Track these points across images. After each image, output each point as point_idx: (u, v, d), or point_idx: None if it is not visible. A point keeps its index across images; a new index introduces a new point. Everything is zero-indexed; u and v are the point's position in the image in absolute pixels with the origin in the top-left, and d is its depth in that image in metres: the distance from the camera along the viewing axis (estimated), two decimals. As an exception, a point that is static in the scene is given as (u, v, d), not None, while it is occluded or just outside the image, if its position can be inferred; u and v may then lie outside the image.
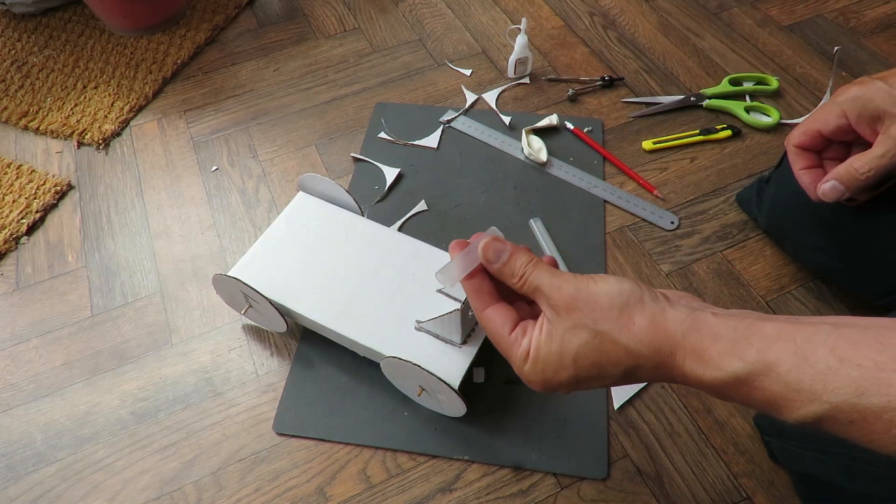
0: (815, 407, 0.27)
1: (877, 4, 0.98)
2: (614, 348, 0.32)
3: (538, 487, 0.56)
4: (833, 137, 0.48)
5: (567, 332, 0.33)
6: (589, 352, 0.33)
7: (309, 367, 0.63)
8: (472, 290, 0.38)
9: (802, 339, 0.29)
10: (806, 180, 0.50)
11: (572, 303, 0.33)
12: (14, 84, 0.93)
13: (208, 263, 0.73)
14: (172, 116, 0.89)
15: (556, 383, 0.34)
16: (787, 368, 0.28)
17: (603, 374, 0.33)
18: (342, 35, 0.99)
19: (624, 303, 0.33)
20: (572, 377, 0.34)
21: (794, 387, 0.28)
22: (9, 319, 0.69)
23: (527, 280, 0.35)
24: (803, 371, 0.28)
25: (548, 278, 0.35)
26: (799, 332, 0.29)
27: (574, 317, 0.33)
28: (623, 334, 0.32)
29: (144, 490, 0.57)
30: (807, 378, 0.27)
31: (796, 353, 0.28)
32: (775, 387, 0.28)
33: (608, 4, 1.02)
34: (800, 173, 0.51)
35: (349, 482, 0.57)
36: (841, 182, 0.46)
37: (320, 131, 0.86)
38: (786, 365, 0.28)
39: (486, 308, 0.37)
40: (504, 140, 0.82)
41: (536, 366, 0.34)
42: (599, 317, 0.32)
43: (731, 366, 0.29)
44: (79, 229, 0.77)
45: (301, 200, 0.67)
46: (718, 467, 0.57)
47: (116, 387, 0.64)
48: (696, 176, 0.78)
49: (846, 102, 0.45)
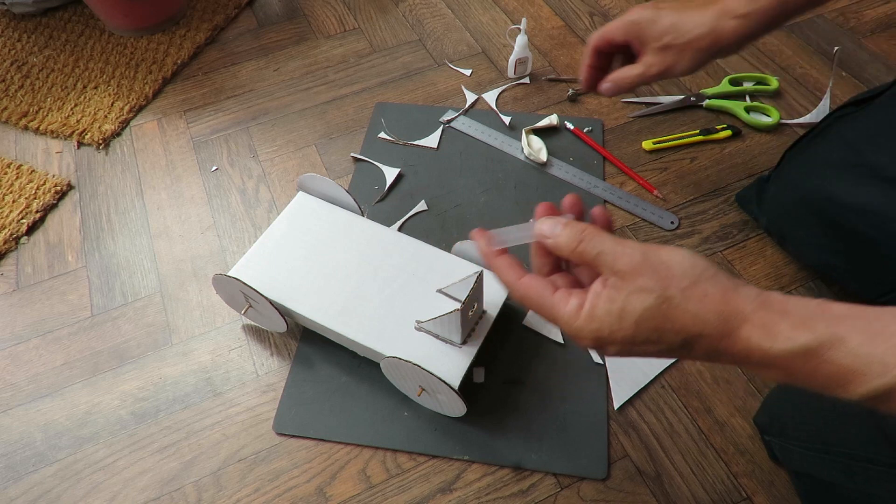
0: (886, 380, 0.27)
1: (877, 4, 0.98)
2: (681, 316, 0.32)
3: (538, 487, 0.56)
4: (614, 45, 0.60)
5: (631, 294, 0.33)
6: (652, 316, 0.32)
7: (309, 367, 0.63)
8: (504, 265, 0.38)
9: (872, 316, 0.29)
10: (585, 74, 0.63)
11: (639, 268, 0.33)
12: (14, 84, 0.93)
13: (208, 263, 0.73)
14: (172, 116, 0.89)
15: (609, 341, 0.34)
16: (857, 342, 0.28)
17: (661, 339, 0.33)
18: (342, 35, 0.99)
19: (698, 274, 0.32)
20: (628, 338, 0.33)
21: (864, 360, 0.28)
22: (9, 319, 0.69)
23: (585, 247, 0.35)
24: (875, 344, 0.28)
25: (610, 244, 0.34)
26: (868, 311, 0.29)
27: (640, 281, 0.33)
28: (692, 303, 0.32)
29: (144, 490, 0.57)
30: (878, 351, 0.28)
31: (867, 329, 0.28)
32: (845, 359, 0.28)
33: (608, 4, 1.02)
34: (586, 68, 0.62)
35: (349, 482, 0.57)
36: (614, 84, 0.60)
37: (320, 131, 0.86)
38: (857, 339, 0.28)
39: (521, 277, 0.37)
40: (504, 140, 0.82)
41: (592, 322, 0.34)
42: (669, 284, 0.32)
43: (801, 338, 0.29)
44: (79, 229, 0.77)
45: (301, 200, 0.67)
46: (718, 467, 0.57)
47: (116, 387, 0.64)
48: (696, 176, 0.78)
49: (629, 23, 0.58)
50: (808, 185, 0.61)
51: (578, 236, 0.35)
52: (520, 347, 0.64)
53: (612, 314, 0.33)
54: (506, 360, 0.63)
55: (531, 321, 0.65)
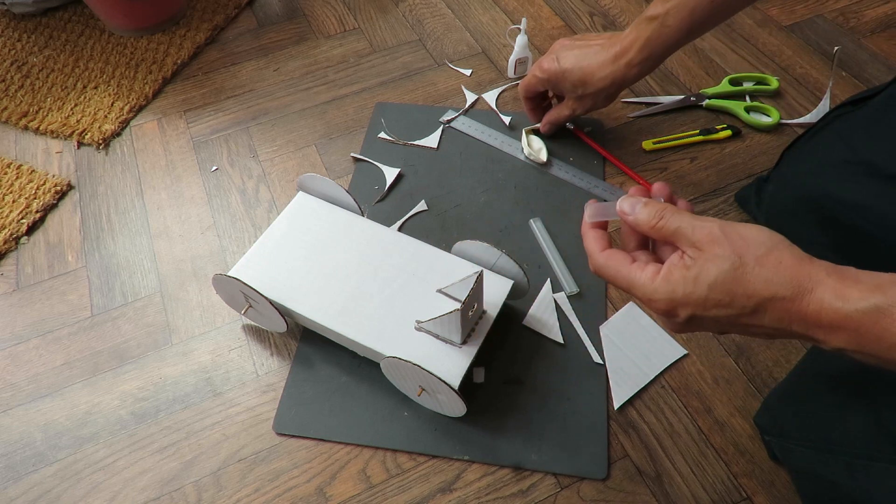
0: None
1: (877, 4, 0.98)
2: (754, 280, 0.33)
3: (538, 487, 0.56)
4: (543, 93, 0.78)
5: (708, 261, 0.34)
6: (726, 279, 0.33)
7: (309, 367, 0.63)
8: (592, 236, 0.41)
9: None
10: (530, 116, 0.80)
11: (717, 239, 0.34)
12: (14, 84, 0.93)
13: (208, 263, 0.73)
14: (172, 116, 0.89)
15: (682, 303, 0.35)
16: None
17: (733, 302, 0.33)
18: (342, 35, 0.99)
19: (773, 244, 0.34)
20: (701, 300, 0.34)
21: None
22: (9, 319, 0.69)
23: (666, 222, 0.37)
24: None
25: (689, 219, 0.36)
26: None
27: (717, 250, 0.34)
28: (766, 269, 0.33)
29: (144, 490, 0.57)
30: None
31: None
32: None
33: (608, 4, 1.02)
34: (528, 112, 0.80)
35: (349, 482, 0.57)
36: (551, 124, 0.78)
37: (320, 131, 0.86)
38: None
39: (603, 249, 0.40)
40: (504, 140, 0.82)
41: (667, 285, 0.35)
42: (745, 251, 0.34)
43: (874, 299, 0.30)
44: (79, 229, 0.77)
45: (301, 200, 0.67)
46: (718, 467, 0.57)
47: (116, 387, 0.64)
48: (696, 176, 0.78)
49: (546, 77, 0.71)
50: (806, 184, 0.61)
51: (659, 213, 0.37)
52: (520, 347, 0.64)
53: (688, 279, 0.34)
54: (506, 360, 0.63)
55: (531, 321, 0.65)
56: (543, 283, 0.68)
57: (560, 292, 0.67)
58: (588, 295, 0.67)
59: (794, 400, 0.53)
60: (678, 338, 0.64)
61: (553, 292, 0.67)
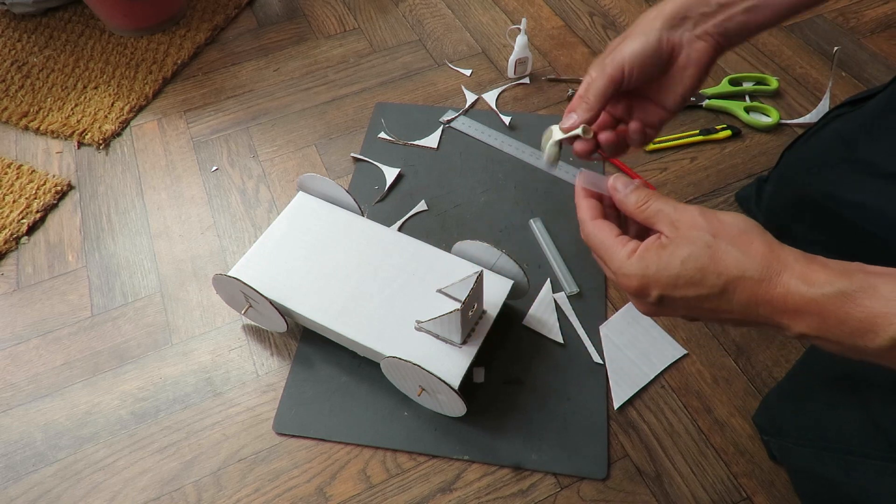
0: None
1: (877, 4, 0.98)
2: (725, 257, 0.34)
3: (538, 487, 0.56)
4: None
5: (683, 240, 0.35)
6: (698, 256, 0.34)
7: (309, 367, 0.63)
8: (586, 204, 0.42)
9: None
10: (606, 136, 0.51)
11: (695, 221, 0.36)
12: (14, 84, 0.93)
13: (208, 263, 0.73)
14: (172, 116, 0.89)
15: (654, 281, 0.36)
16: (890, 290, 0.30)
17: (703, 281, 0.34)
18: (342, 35, 0.99)
19: (746, 228, 0.35)
20: (672, 278, 0.35)
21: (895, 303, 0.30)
22: (9, 319, 0.69)
23: (650, 205, 0.38)
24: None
25: (671, 204, 0.38)
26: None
27: (693, 232, 0.35)
28: (738, 247, 0.34)
29: (144, 490, 0.57)
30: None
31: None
32: (876, 304, 0.30)
33: (608, 4, 1.02)
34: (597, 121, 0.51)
35: (349, 482, 0.57)
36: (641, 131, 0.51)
37: (320, 131, 0.86)
38: (890, 288, 0.30)
39: (595, 218, 0.41)
40: (504, 140, 0.82)
41: (640, 262, 0.36)
42: (719, 232, 0.35)
43: (838, 283, 0.31)
44: (79, 229, 0.77)
45: (301, 200, 0.67)
46: (718, 467, 0.57)
47: (116, 387, 0.64)
48: (696, 176, 0.78)
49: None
50: (805, 183, 0.61)
51: (645, 197, 0.39)
52: (520, 347, 0.64)
53: (662, 256, 0.36)
54: (506, 360, 0.63)
55: (531, 321, 0.65)
56: (543, 283, 0.68)
57: (560, 292, 0.67)
58: (588, 295, 0.67)
59: (792, 399, 0.53)
60: (678, 338, 0.64)
61: (553, 292, 0.67)
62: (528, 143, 0.82)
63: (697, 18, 0.45)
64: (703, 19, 0.45)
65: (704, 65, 0.46)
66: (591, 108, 0.48)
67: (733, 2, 0.44)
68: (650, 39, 0.45)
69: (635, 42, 0.45)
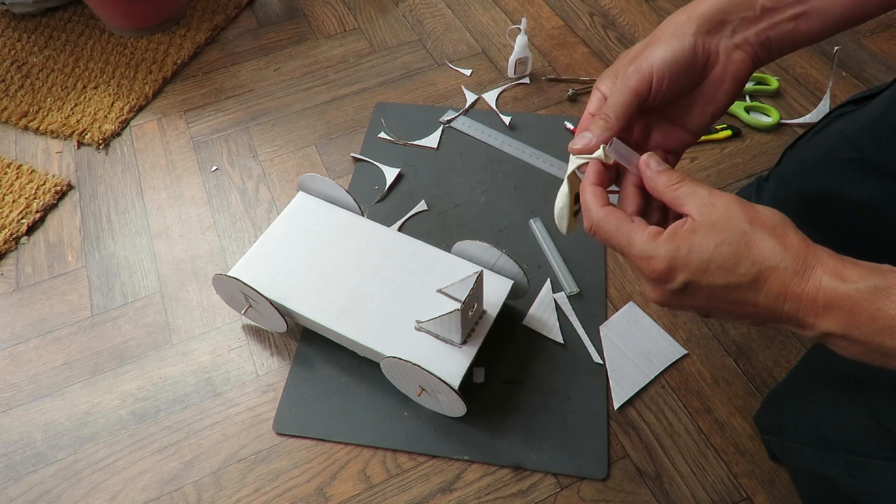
0: None
1: (877, 4, 0.98)
2: (760, 246, 0.33)
3: (538, 487, 0.56)
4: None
5: (717, 223, 0.34)
6: (733, 242, 0.33)
7: (309, 367, 0.63)
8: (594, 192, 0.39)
9: None
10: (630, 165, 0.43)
11: (729, 207, 0.34)
12: (14, 84, 0.93)
13: (208, 263, 0.73)
14: (172, 116, 0.89)
15: (683, 266, 0.34)
16: None
17: (736, 268, 0.33)
18: (342, 35, 0.99)
19: (783, 221, 0.34)
20: (704, 262, 0.33)
21: None
22: (9, 319, 0.69)
23: (684, 185, 0.36)
24: None
25: (706, 188, 0.36)
26: None
27: (729, 217, 0.34)
28: (773, 239, 0.33)
29: (144, 490, 0.57)
30: None
31: None
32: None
33: (608, 4, 1.02)
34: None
35: (349, 482, 0.57)
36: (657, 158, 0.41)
37: (320, 131, 0.86)
38: None
39: (604, 204, 0.38)
40: (504, 140, 0.82)
41: (671, 243, 0.34)
42: (755, 221, 0.34)
43: (872, 280, 0.31)
44: (79, 229, 0.77)
45: (301, 200, 0.67)
46: (718, 467, 0.57)
47: (116, 387, 0.64)
48: (697, 176, 0.78)
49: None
50: (807, 182, 0.61)
51: (679, 178, 0.36)
52: (520, 347, 0.64)
53: (694, 239, 0.34)
54: (506, 360, 0.63)
55: (531, 321, 0.65)
56: (543, 283, 0.68)
57: (560, 292, 0.67)
58: (588, 295, 0.67)
59: (794, 399, 0.53)
60: (678, 338, 0.64)
61: (553, 292, 0.67)
62: (528, 143, 0.82)
63: (738, 23, 0.38)
64: (744, 25, 0.38)
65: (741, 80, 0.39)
66: (611, 126, 0.39)
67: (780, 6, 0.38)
68: (684, 45, 0.38)
69: (665, 48, 0.38)
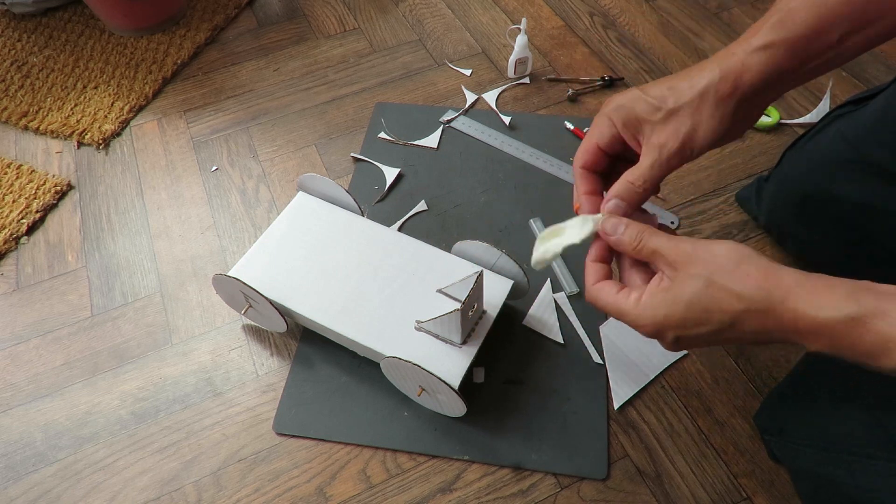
0: None
1: (877, 4, 0.98)
2: (726, 296, 0.34)
3: (538, 487, 0.56)
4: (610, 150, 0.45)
5: (682, 281, 0.36)
6: (701, 298, 0.35)
7: (309, 367, 0.63)
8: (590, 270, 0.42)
9: None
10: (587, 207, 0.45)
11: (689, 258, 0.36)
12: (14, 84, 0.93)
13: (208, 263, 0.73)
14: (172, 116, 0.89)
15: (666, 326, 0.36)
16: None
17: (710, 319, 0.35)
18: (342, 35, 0.99)
19: (739, 257, 0.35)
20: (681, 321, 0.36)
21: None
22: (9, 319, 0.69)
23: (644, 244, 0.38)
24: None
25: (665, 240, 0.38)
26: None
27: (691, 269, 0.36)
28: (736, 283, 0.34)
29: (144, 490, 0.57)
30: None
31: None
32: (888, 329, 0.30)
33: (608, 4, 1.02)
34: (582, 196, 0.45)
35: (349, 482, 0.57)
36: (622, 198, 0.42)
37: (320, 131, 0.86)
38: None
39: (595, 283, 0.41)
40: (504, 140, 0.82)
41: (649, 309, 0.37)
42: (715, 269, 0.35)
43: (847, 308, 0.31)
44: (79, 229, 0.77)
45: (301, 200, 0.67)
46: (718, 467, 0.57)
47: (116, 387, 0.64)
48: (696, 176, 0.78)
49: (612, 112, 0.43)
50: (807, 183, 0.61)
51: (638, 236, 0.38)
52: (520, 347, 0.64)
53: (667, 300, 0.36)
54: (506, 360, 0.63)
55: (531, 321, 0.65)
56: (543, 283, 0.68)
57: (560, 292, 0.67)
58: (588, 295, 0.67)
59: (794, 399, 0.53)
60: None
61: (553, 292, 0.67)
62: (528, 143, 0.82)
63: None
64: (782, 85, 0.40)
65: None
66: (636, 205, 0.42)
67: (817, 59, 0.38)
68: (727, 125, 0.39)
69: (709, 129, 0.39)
